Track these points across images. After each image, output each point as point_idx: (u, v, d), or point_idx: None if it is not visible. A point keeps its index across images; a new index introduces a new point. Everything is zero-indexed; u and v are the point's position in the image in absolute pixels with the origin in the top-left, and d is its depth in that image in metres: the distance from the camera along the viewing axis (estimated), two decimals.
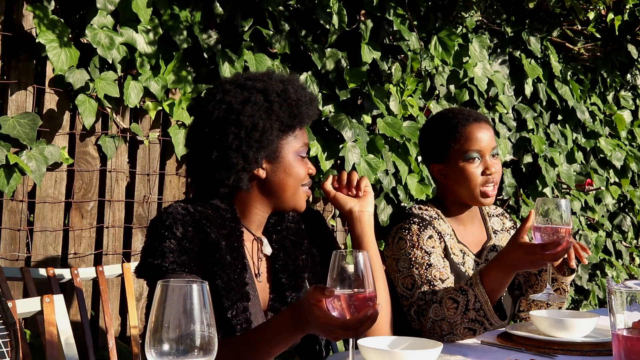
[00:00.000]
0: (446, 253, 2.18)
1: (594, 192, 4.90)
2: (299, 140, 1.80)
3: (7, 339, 1.71)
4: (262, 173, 1.77)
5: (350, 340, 1.45)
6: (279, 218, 1.88)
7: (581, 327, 1.92)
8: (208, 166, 1.75)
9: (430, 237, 2.15)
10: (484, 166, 2.20)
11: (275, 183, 1.78)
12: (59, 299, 1.99)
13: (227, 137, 1.72)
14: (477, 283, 1.94)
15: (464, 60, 3.99)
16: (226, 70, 3.03)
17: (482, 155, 2.20)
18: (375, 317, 1.41)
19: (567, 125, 4.77)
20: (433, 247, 2.13)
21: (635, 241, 5.38)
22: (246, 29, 3.12)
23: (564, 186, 4.70)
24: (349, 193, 1.94)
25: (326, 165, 3.38)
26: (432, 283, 2.07)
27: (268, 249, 1.84)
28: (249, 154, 1.72)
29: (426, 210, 2.25)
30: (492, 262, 1.95)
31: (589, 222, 4.97)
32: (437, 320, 1.98)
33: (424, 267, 2.08)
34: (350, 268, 1.42)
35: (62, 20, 2.65)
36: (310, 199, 3.52)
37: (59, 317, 1.96)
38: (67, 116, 2.78)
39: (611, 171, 5.09)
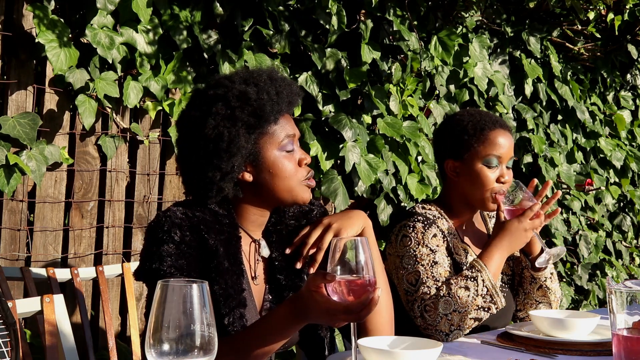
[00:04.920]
0: (449, 252, 2.20)
1: (594, 192, 4.90)
2: (278, 135, 1.73)
3: (7, 339, 1.71)
4: (248, 177, 1.72)
5: (353, 339, 1.46)
6: (279, 217, 1.85)
7: (581, 327, 1.93)
8: (190, 180, 1.75)
9: (435, 235, 2.17)
10: (499, 173, 2.23)
11: (264, 185, 1.73)
12: (59, 299, 1.99)
13: (196, 152, 1.70)
14: (483, 268, 2.07)
15: (464, 60, 3.99)
16: (226, 70, 3.03)
17: (500, 162, 2.23)
18: (377, 301, 1.41)
19: (567, 125, 4.76)
20: (437, 246, 2.15)
21: (635, 241, 5.38)
22: (246, 29, 3.11)
23: (564, 186, 4.70)
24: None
25: (326, 165, 3.38)
26: (437, 280, 2.08)
27: (266, 251, 1.82)
28: (222, 165, 1.68)
29: (429, 209, 2.27)
30: (490, 247, 2.11)
31: (589, 222, 4.97)
32: (447, 313, 2.02)
33: (429, 265, 2.10)
34: (350, 255, 1.43)
35: (62, 20, 2.65)
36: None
37: (59, 317, 1.96)
38: (67, 116, 2.78)
39: (611, 171, 5.09)
